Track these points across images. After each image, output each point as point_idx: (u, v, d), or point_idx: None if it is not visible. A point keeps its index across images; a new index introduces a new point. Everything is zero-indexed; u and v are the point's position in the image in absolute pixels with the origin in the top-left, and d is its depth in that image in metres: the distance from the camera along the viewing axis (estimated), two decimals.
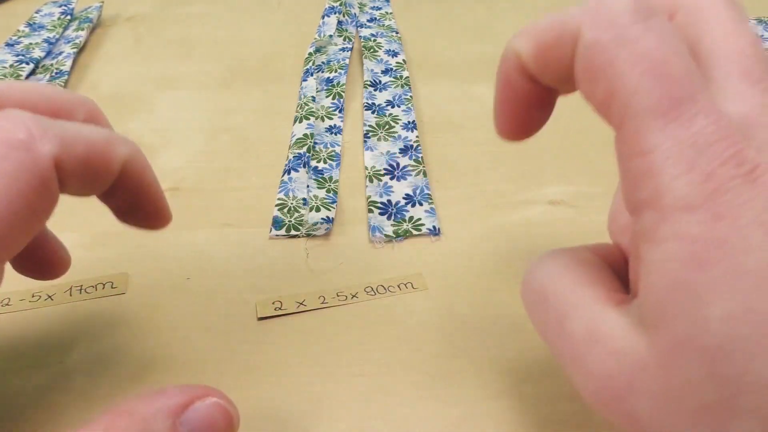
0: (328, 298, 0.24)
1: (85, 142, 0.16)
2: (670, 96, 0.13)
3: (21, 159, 0.14)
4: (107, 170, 0.17)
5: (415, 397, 0.21)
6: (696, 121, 0.13)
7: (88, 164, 0.16)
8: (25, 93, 0.16)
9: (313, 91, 0.34)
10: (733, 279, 0.13)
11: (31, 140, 0.14)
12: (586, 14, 0.14)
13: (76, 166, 0.15)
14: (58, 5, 0.43)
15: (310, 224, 0.27)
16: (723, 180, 0.13)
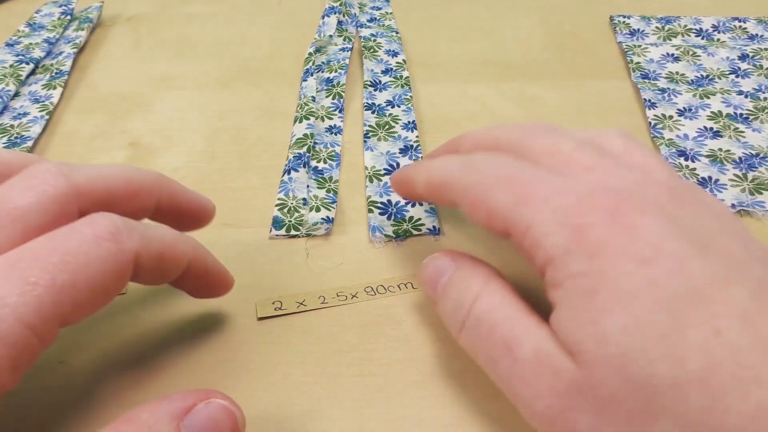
0: (328, 298, 0.24)
1: (160, 242, 0.18)
2: (518, 194, 0.18)
3: (109, 248, 0.17)
4: (176, 266, 0.19)
5: (415, 397, 0.21)
6: (552, 197, 0.17)
7: (161, 261, 0.19)
8: (108, 181, 0.19)
9: (313, 91, 0.34)
10: (619, 300, 0.15)
11: (119, 235, 0.17)
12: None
13: (150, 261, 0.18)
14: (58, 5, 0.43)
15: (310, 224, 0.27)
16: (586, 225, 0.16)
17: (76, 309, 0.16)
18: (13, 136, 0.32)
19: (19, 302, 0.15)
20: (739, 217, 0.28)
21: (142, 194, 0.20)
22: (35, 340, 0.16)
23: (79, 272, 0.16)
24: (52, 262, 0.16)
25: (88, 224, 0.17)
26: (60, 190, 0.18)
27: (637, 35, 0.40)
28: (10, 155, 0.19)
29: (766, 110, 0.33)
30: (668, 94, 0.35)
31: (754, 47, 0.38)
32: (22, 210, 0.17)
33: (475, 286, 0.19)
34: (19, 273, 0.16)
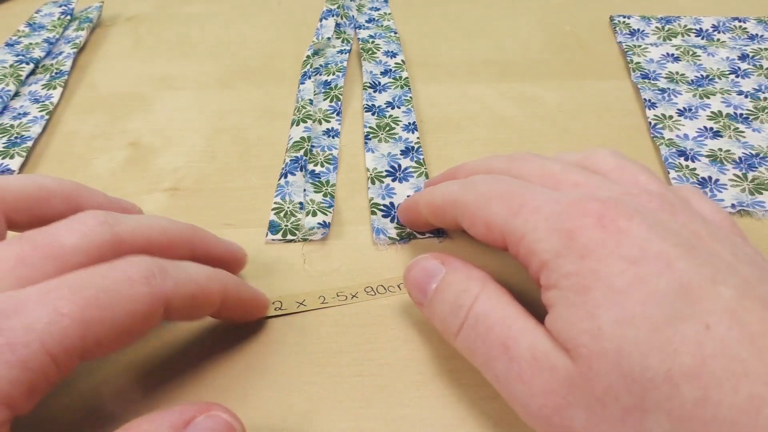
0: (328, 298, 0.24)
1: (192, 284, 0.19)
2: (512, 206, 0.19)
3: (141, 290, 0.17)
4: (208, 306, 0.20)
5: (415, 397, 0.21)
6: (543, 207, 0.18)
7: (193, 301, 0.19)
8: (147, 233, 0.20)
9: (310, 93, 0.34)
10: (611, 296, 0.16)
11: (152, 278, 0.18)
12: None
13: (183, 303, 0.19)
14: (58, 5, 0.43)
15: (307, 229, 0.27)
16: (576, 230, 0.17)
17: (99, 345, 0.17)
18: (13, 136, 0.32)
19: (45, 330, 0.16)
20: (739, 217, 0.28)
21: (178, 245, 0.21)
22: (54, 370, 0.16)
23: (109, 310, 0.17)
24: (84, 296, 0.16)
25: (123, 264, 0.18)
26: (103, 237, 0.19)
27: (637, 35, 0.40)
28: (53, 184, 0.21)
29: (766, 110, 0.33)
30: (668, 94, 0.35)
31: (754, 47, 0.38)
32: (64, 249, 0.18)
33: (474, 289, 0.19)
34: (52, 302, 0.16)
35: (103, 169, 0.31)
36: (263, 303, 0.23)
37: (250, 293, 0.22)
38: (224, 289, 0.20)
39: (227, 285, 0.21)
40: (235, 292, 0.21)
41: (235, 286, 0.21)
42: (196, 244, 0.22)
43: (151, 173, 0.31)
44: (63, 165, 0.31)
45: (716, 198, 0.28)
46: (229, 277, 0.21)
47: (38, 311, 0.16)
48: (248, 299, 0.22)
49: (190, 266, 0.20)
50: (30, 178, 0.21)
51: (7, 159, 0.31)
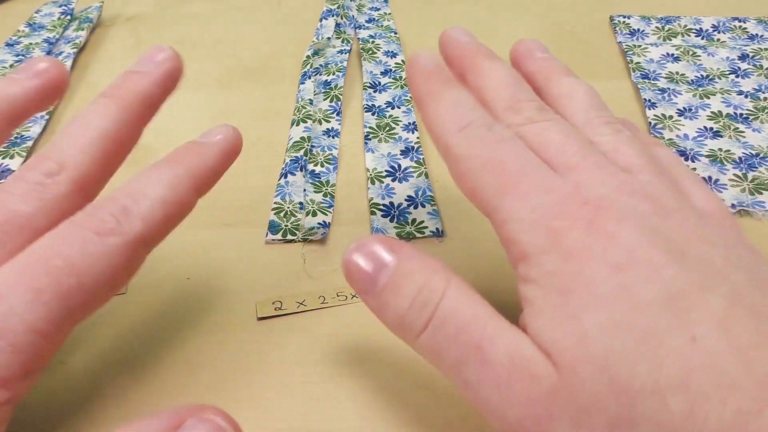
0: (328, 298, 0.24)
1: (162, 207, 0.18)
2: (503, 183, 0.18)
3: (113, 242, 0.17)
4: (187, 210, 0.19)
5: (414, 397, 0.21)
6: (533, 195, 0.17)
7: (169, 221, 0.18)
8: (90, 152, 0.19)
9: (310, 94, 0.34)
10: (596, 301, 0.15)
11: (119, 226, 0.17)
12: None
13: (159, 230, 0.18)
14: (58, 5, 0.43)
15: (307, 229, 0.27)
16: (562, 229, 0.16)
17: (86, 308, 0.17)
18: (13, 136, 0.32)
19: (27, 310, 0.15)
20: (739, 217, 0.28)
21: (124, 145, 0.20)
22: (46, 345, 0.16)
23: (86, 273, 0.16)
24: (57, 265, 0.16)
25: (84, 221, 0.17)
26: (59, 190, 0.18)
27: (637, 35, 0.40)
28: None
29: (766, 110, 0.33)
30: (668, 94, 0.35)
31: (754, 47, 0.38)
32: (26, 218, 0.17)
33: (439, 283, 0.17)
34: (26, 281, 0.16)
35: None
36: (236, 144, 0.21)
37: (219, 154, 0.21)
38: (194, 182, 0.19)
39: (195, 172, 0.19)
40: (204, 171, 0.20)
41: (203, 164, 0.20)
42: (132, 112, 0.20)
43: None
44: None
45: None
46: (192, 160, 0.20)
47: (17, 293, 0.16)
48: (221, 162, 0.21)
49: (149, 183, 0.18)
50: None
51: (7, 159, 0.31)
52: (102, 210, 0.17)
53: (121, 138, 0.19)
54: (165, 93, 0.21)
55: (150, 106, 0.21)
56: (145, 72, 0.20)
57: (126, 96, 0.20)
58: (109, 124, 0.19)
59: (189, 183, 0.19)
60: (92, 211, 0.17)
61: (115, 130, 0.19)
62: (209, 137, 0.21)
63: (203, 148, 0.20)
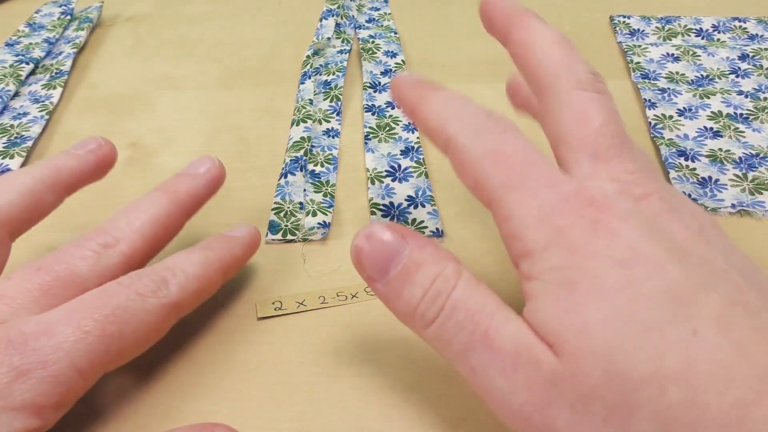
0: (328, 298, 0.24)
1: (195, 281, 0.21)
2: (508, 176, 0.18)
3: (152, 303, 0.19)
4: (214, 288, 0.22)
5: (415, 397, 0.21)
6: (539, 192, 0.17)
7: (199, 295, 0.21)
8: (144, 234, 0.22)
9: (310, 94, 0.34)
10: (599, 294, 0.16)
11: (158, 291, 0.20)
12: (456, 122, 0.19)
13: (190, 300, 0.21)
14: (58, 5, 0.43)
15: (307, 229, 0.27)
16: (566, 227, 0.17)
17: (120, 355, 0.19)
18: (13, 136, 0.32)
19: (72, 348, 0.18)
20: (739, 217, 0.28)
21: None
22: (81, 382, 0.18)
23: (126, 324, 0.19)
24: (104, 313, 0.18)
25: (130, 282, 0.20)
26: (111, 260, 0.21)
27: (637, 35, 0.40)
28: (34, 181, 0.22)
29: (766, 110, 0.33)
30: (668, 94, 0.35)
31: (754, 47, 0.38)
32: (81, 277, 0.20)
33: (451, 272, 0.18)
34: (76, 322, 0.18)
35: None
36: (256, 242, 0.24)
37: (243, 247, 0.23)
38: (221, 266, 0.22)
39: (223, 259, 0.22)
40: (231, 260, 0.23)
41: (230, 254, 0.23)
42: (183, 204, 0.23)
43: (151, 173, 0.30)
44: None
45: (716, 198, 0.28)
46: (221, 248, 0.23)
47: (65, 331, 0.18)
48: (244, 254, 0.23)
49: (185, 262, 0.21)
50: (14, 187, 0.21)
51: (7, 159, 0.31)
52: (145, 277, 0.20)
53: (168, 225, 0.22)
54: (209, 194, 0.24)
55: (195, 203, 0.24)
56: (193, 175, 0.24)
57: (175, 192, 0.23)
58: (160, 212, 0.22)
59: (217, 266, 0.22)
60: (136, 277, 0.20)
61: (165, 217, 0.22)
62: (236, 231, 0.24)
63: (232, 241, 0.23)
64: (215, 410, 0.21)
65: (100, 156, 0.24)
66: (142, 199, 0.23)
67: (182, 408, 0.21)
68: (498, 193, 0.18)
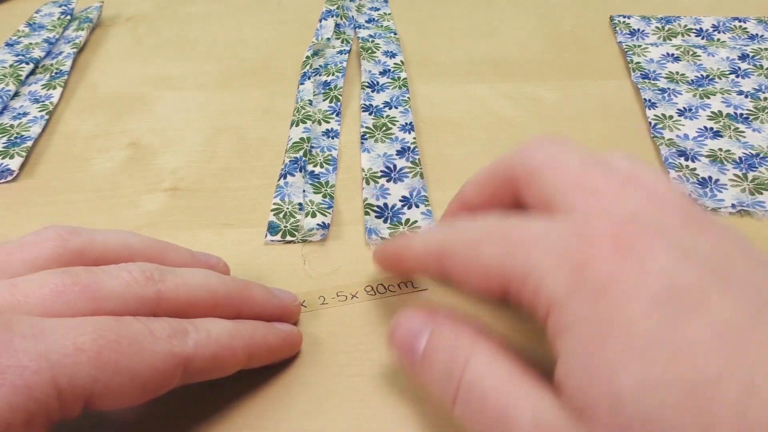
0: (328, 298, 0.24)
1: (215, 345, 0.19)
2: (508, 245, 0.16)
3: (162, 346, 0.17)
4: (231, 366, 0.20)
5: (415, 397, 0.21)
6: (545, 238, 0.16)
7: (214, 362, 0.19)
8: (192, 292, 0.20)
9: (310, 94, 0.34)
10: (633, 350, 0.13)
11: (174, 338, 0.18)
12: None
13: (203, 364, 0.18)
14: (58, 5, 0.43)
15: (306, 230, 0.27)
16: (586, 261, 0.14)
17: (108, 392, 0.16)
18: (13, 136, 0.32)
19: (59, 362, 0.15)
20: (739, 217, 0.28)
21: (222, 307, 0.20)
22: (57, 407, 0.16)
23: (126, 357, 0.17)
24: (105, 337, 0.16)
25: (147, 320, 0.18)
26: (144, 292, 0.19)
27: (637, 35, 0.40)
28: (141, 245, 0.21)
29: (766, 110, 0.33)
30: (668, 94, 0.35)
31: (754, 47, 0.38)
32: (102, 293, 0.18)
33: (463, 350, 0.17)
34: (74, 335, 0.16)
35: (102, 169, 0.31)
36: (295, 343, 0.22)
37: (279, 338, 0.21)
38: (249, 344, 0.20)
39: (253, 339, 0.20)
40: (262, 344, 0.20)
41: (263, 337, 0.21)
42: (242, 305, 0.21)
43: (150, 173, 0.30)
44: (63, 165, 0.31)
45: (716, 198, 0.28)
46: (255, 330, 0.20)
47: (57, 341, 0.16)
48: (277, 346, 0.21)
49: (213, 325, 0.19)
50: (118, 235, 0.21)
51: (7, 159, 0.31)
52: (165, 321, 0.18)
53: (219, 304, 0.20)
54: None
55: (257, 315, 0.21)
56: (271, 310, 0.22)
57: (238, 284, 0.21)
58: (221, 291, 0.20)
59: (244, 343, 0.20)
60: (157, 318, 0.18)
61: (222, 297, 0.20)
62: (279, 324, 0.22)
63: (269, 328, 0.21)
64: (215, 410, 0.21)
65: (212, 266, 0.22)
66: (213, 272, 0.21)
67: (182, 408, 0.21)
68: (505, 265, 0.16)
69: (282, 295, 0.23)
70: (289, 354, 0.22)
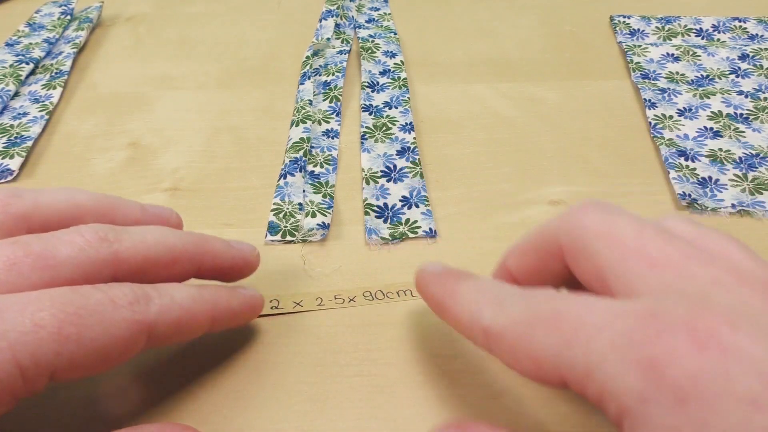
0: (326, 300, 0.24)
1: (178, 309, 0.18)
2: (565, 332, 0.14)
3: (124, 315, 0.17)
4: (195, 330, 0.19)
5: (415, 397, 0.21)
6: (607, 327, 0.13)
7: (178, 328, 0.18)
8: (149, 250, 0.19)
9: (310, 94, 0.34)
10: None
11: (136, 304, 0.17)
12: None
13: (167, 330, 0.18)
14: (58, 5, 0.43)
15: (306, 230, 0.27)
16: (659, 357, 0.12)
17: (72, 365, 0.16)
18: (13, 135, 0.32)
19: (19, 340, 0.15)
20: (739, 217, 0.28)
21: (182, 262, 0.20)
22: (21, 384, 0.15)
23: (88, 329, 0.16)
24: (65, 311, 0.16)
25: (108, 287, 0.17)
26: (99, 254, 0.18)
27: (637, 35, 0.40)
28: (89, 201, 0.20)
29: (766, 110, 0.33)
30: (668, 94, 0.35)
31: (754, 47, 0.38)
32: (57, 260, 0.17)
33: None
34: (31, 312, 0.16)
35: (102, 169, 0.31)
36: (257, 306, 0.22)
37: (241, 303, 0.21)
38: (213, 309, 0.20)
39: (217, 303, 0.20)
40: (225, 307, 0.20)
41: (226, 301, 0.20)
42: (202, 258, 0.21)
43: (150, 173, 0.31)
44: (63, 165, 0.31)
45: (716, 198, 0.28)
46: (218, 293, 0.20)
47: (15, 319, 0.15)
48: (240, 310, 0.21)
49: (176, 290, 0.19)
50: (64, 194, 0.20)
51: (7, 159, 0.31)
52: (126, 287, 0.18)
53: (178, 259, 0.20)
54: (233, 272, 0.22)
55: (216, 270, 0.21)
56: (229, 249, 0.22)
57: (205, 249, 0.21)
58: (179, 246, 0.20)
59: (208, 307, 0.19)
60: (117, 284, 0.18)
61: (180, 252, 0.20)
62: (241, 288, 0.22)
63: (232, 293, 0.21)
64: (215, 410, 0.21)
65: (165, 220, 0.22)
66: (170, 228, 0.21)
67: (182, 408, 0.21)
68: (562, 359, 0.14)
69: (240, 246, 0.22)
70: (250, 318, 0.22)
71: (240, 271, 0.22)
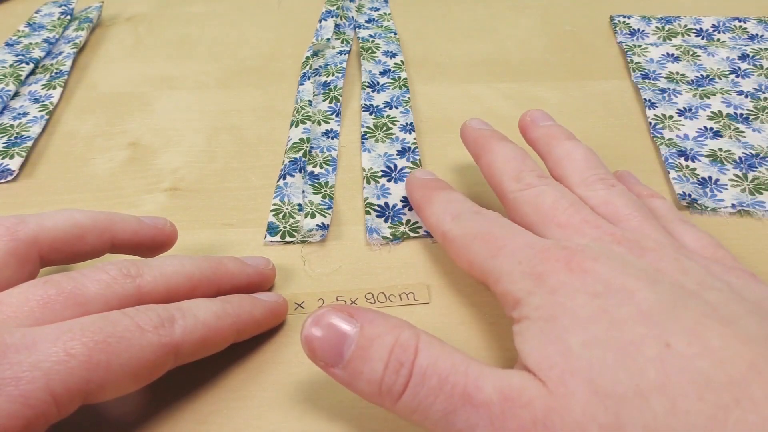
0: (327, 301, 0.24)
1: (203, 327, 0.19)
2: (491, 248, 0.20)
3: (150, 339, 0.18)
4: (219, 345, 0.21)
5: None
6: (519, 251, 0.20)
7: (203, 345, 0.20)
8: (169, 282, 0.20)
9: (309, 95, 0.34)
10: (577, 322, 0.17)
11: (161, 328, 0.18)
12: None
13: (192, 348, 0.19)
14: (58, 5, 0.43)
15: (305, 231, 0.27)
16: (545, 272, 0.18)
17: (102, 389, 0.17)
18: (13, 135, 0.32)
19: (52, 369, 0.16)
20: (739, 217, 0.28)
21: (201, 288, 0.21)
22: (54, 410, 0.16)
23: (117, 356, 0.17)
24: (95, 340, 0.17)
25: (134, 313, 0.18)
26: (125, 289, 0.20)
27: (637, 35, 0.40)
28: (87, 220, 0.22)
29: (766, 110, 0.33)
30: (668, 94, 0.35)
31: (754, 47, 0.38)
32: (86, 297, 0.19)
33: (410, 339, 0.18)
34: (63, 342, 0.17)
35: (102, 168, 0.31)
36: (281, 313, 0.23)
37: (264, 312, 0.22)
38: (236, 322, 0.21)
39: (240, 315, 0.21)
40: (248, 318, 0.21)
41: (249, 312, 0.21)
42: (219, 282, 0.22)
43: (150, 173, 0.31)
44: (63, 165, 0.31)
45: (716, 198, 0.28)
46: (241, 305, 0.21)
47: (48, 350, 0.16)
48: (263, 319, 0.22)
49: (200, 308, 0.20)
50: (64, 216, 0.21)
51: (7, 159, 0.31)
52: (152, 311, 0.19)
53: (197, 285, 0.21)
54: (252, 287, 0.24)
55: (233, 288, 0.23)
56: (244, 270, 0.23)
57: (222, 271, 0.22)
58: (194, 272, 0.21)
59: (232, 321, 0.21)
60: (143, 309, 0.19)
61: (198, 279, 0.21)
62: (263, 295, 0.23)
63: (255, 303, 0.22)
64: (215, 410, 0.21)
65: (160, 231, 0.23)
66: (186, 256, 0.22)
67: (182, 408, 0.21)
68: (486, 264, 0.20)
69: (255, 262, 0.24)
70: (275, 323, 0.23)
71: (257, 286, 0.24)
